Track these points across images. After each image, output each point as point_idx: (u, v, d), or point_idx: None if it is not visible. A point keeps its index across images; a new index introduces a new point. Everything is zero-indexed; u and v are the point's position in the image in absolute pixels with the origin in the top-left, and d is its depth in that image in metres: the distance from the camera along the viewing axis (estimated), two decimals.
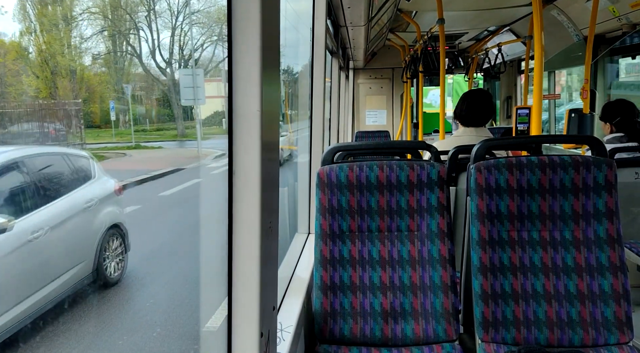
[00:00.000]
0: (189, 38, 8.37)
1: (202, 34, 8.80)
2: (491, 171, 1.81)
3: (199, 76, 5.61)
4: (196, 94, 5.31)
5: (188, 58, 8.35)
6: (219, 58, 9.33)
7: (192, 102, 5.95)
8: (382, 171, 1.87)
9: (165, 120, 8.10)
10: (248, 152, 0.95)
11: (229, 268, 1.00)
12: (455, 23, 5.69)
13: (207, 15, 9.02)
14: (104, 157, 6.09)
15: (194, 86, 5.31)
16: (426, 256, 1.85)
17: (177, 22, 7.92)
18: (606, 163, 1.77)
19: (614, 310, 1.73)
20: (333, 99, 5.09)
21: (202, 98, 5.51)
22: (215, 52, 9.17)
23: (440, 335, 1.80)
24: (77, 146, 4.76)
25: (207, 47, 9.04)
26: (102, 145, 6.49)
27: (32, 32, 5.00)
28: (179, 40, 8.07)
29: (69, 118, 4.73)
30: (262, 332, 1.02)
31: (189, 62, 8.29)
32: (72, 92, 5.95)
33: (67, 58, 6.05)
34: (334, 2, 3.23)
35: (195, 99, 5.45)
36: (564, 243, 1.79)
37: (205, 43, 8.96)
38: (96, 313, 3.93)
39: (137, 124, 7.57)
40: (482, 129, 2.86)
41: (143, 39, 7.47)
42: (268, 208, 1.00)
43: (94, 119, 6.56)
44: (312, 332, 1.88)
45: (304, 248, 2.56)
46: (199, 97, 5.37)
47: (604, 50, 4.64)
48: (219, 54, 9.21)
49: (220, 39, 8.97)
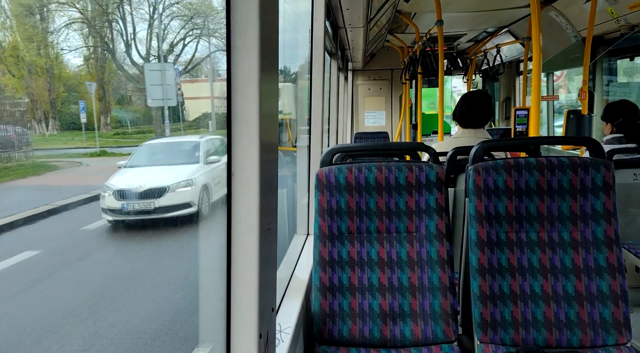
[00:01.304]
0: (168, 32, 7.83)
1: (183, 27, 8.22)
2: (489, 173, 1.81)
3: (168, 71, 4.90)
4: (166, 93, 4.61)
5: (167, 53, 7.82)
6: (202, 55, 8.76)
7: (160, 102, 5.11)
8: (381, 172, 1.87)
9: (150, 121, 7.65)
10: (247, 153, 0.95)
11: (228, 269, 1.00)
12: (454, 24, 5.70)
13: (187, 5, 8.28)
14: (56, 167, 5.02)
15: (163, 83, 4.61)
16: (425, 257, 1.85)
17: (156, 14, 7.31)
18: (604, 164, 1.78)
19: (612, 310, 1.73)
20: (332, 101, 5.09)
21: (172, 98, 4.78)
22: (198, 48, 8.55)
23: (439, 336, 1.81)
24: (22, 152, 4.35)
25: (189, 42, 8.39)
26: (61, 151, 5.64)
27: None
28: (160, 33, 7.56)
29: (14, 119, 4.42)
30: (261, 333, 1.02)
31: (167, 58, 7.72)
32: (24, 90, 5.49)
33: (31, 53, 5.53)
34: (333, 4, 3.23)
35: (164, 99, 4.73)
36: (562, 244, 1.80)
37: (186, 37, 8.32)
38: None
39: (121, 126, 7.18)
40: (481, 131, 2.87)
41: (117, 32, 6.95)
42: (267, 210, 1.00)
43: (67, 120, 6.01)
44: (311, 333, 1.88)
45: (303, 249, 2.56)
46: (169, 97, 4.67)
47: (602, 51, 4.65)
48: (203, 51, 8.62)
49: (204, 34, 8.43)
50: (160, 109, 6.43)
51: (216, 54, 8.72)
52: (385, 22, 5.29)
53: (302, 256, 2.46)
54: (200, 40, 8.32)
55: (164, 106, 5.91)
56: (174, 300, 4.17)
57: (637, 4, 3.60)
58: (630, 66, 5.05)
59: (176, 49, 8.08)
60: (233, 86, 0.94)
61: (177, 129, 7.57)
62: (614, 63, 5.01)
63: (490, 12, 5.02)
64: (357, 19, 3.74)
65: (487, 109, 2.86)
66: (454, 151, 2.37)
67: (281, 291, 1.98)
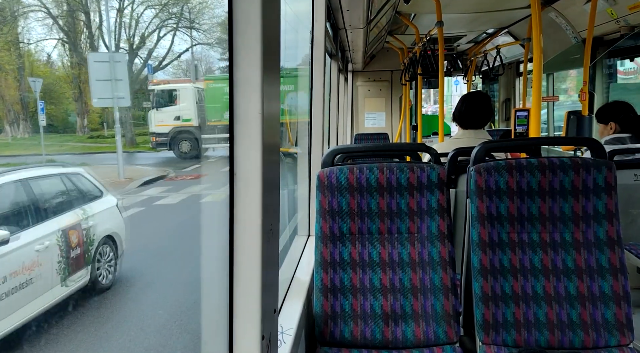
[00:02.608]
0: (139, 21, 6.96)
1: (155, 17, 7.40)
2: (491, 173, 1.81)
3: (119, 63, 3.92)
4: (116, 90, 3.73)
5: (138, 47, 7.01)
6: (180, 50, 8.09)
7: (109, 102, 4.08)
8: (382, 173, 1.87)
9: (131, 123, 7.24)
10: (249, 154, 0.95)
11: (230, 270, 1.00)
12: (454, 25, 5.71)
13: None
14: None
15: (113, 78, 3.70)
16: (426, 258, 1.85)
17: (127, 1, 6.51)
18: (606, 165, 1.78)
19: (614, 311, 1.73)
20: (332, 102, 5.09)
21: (125, 96, 3.93)
22: (175, 42, 7.80)
23: (441, 338, 1.80)
24: None
25: (165, 35, 7.59)
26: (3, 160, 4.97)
27: None
28: (131, 23, 6.81)
29: None
30: (263, 334, 1.01)
31: (138, 52, 6.94)
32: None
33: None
34: (333, 5, 3.23)
35: (114, 98, 3.83)
36: (564, 245, 1.79)
37: (161, 28, 7.47)
38: None
39: (99, 129, 6.77)
40: (481, 132, 2.87)
41: (82, 23, 6.17)
42: (269, 211, 1.00)
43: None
44: (313, 335, 1.88)
45: (304, 251, 2.56)
46: (120, 95, 3.80)
47: (602, 52, 4.65)
48: (180, 45, 7.89)
49: (182, 26, 7.69)
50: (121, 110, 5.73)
51: (199, 49, 7.84)
52: (385, 24, 5.29)
53: (304, 257, 2.46)
54: (178, 33, 7.62)
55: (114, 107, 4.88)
56: None
57: (637, 5, 3.61)
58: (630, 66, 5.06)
59: (149, 42, 7.35)
60: (235, 87, 0.94)
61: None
62: (613, 64, 5.01)
63: (490, 13, 5.03)
64: (357, 20, 3.75)
65: (487, 109, 2.86)
66: (455, 152, 2.37)
67: (283, 293, 1.98)
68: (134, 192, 7.43)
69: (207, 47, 10.62)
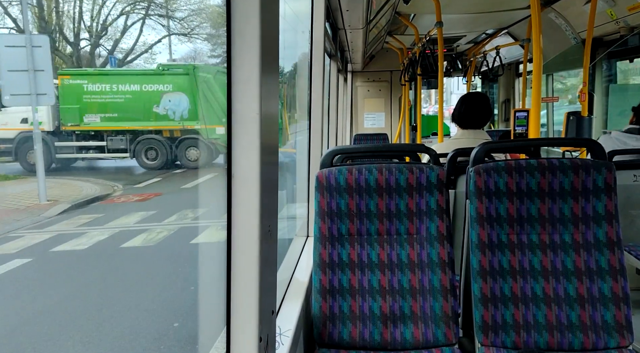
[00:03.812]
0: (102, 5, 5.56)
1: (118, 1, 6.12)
2: (490, 174, 1.80)
3: (41, 48, 2.74)
4: (36, 85, 2.60)
5: (97, 37, 5.63)
6: (151, 41, 6.67)
7: (25, 99, 2.84)
8: (381, 174, 1.86)
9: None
10: (247, 155, 0.94)
11: (228, 271, 0.99)
12: (454, 26, 5.71)
13: None
14: None
15: (31, 68, 2.61)
16: (425, 259, 1.85)
17: None
18: (605, 166, 1.77)
19: (613, 313, 1.73)
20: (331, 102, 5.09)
21: (49, 93, 2.70)
22: (144, 31, 6.42)
23: (440, 339, 1.80)
24: None
25: (133, 23, 6.27)
26: None
27: None
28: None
29: None
30: (261, 336, 1.01)
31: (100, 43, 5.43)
32: None
33: None
34: (333, 5, 3.23)
35: (32, 95, 2.66)
36: (563, 246, 1.79)
37: (128, 15, 6.15)
38: None
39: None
40: (481, 132, 2.87)
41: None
42: (267, 211, 1.00)
43: None
44: (311, 336, 1.87)
45: (303, 251, 2.55)
46: (41, 91, 2.64)
47: (602, 53, 4.65)
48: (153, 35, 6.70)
49: (154, 14, 6.36)
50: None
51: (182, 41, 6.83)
52: (384, 24, 5.29)
53: (302, 258, 2.45)
54: (147, 20, 6.31)
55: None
56: None
57: (637, 6, 3.60)
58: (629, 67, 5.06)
59: (113, 31, 5.88)
60: (233, 86, 0.93)
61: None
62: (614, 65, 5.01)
63: (489, 14, 5.03)
64: (357, 21, 3.74)
65: (486, 110, 2.86)
66: (454, 153, 2.36)
67: (281, 294, 1.97)
68: (42, 225, 5.15)
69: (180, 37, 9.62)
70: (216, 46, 16.04)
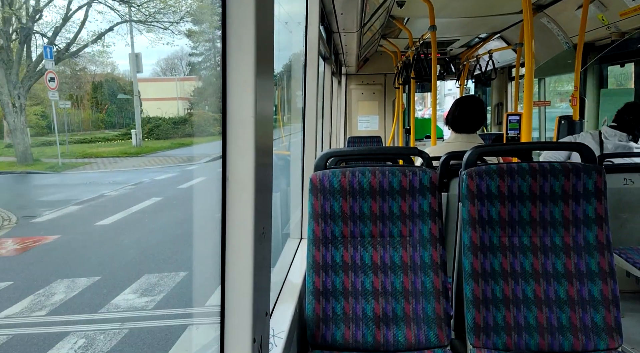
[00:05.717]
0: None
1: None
2: (483, 178, 1.82)
3: None
4: None
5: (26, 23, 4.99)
6: (101, 29, 6.01)
7: None
8: (375, 176, 1.87)
9: (99, 126, 6.01)
10: (242, 157, 0.95)
11: (222, 273, 1.00)
12: (447, 30, 5.74)
13: None
14: None
15: None
16: (418, 261, 1.85)
17: None
18: (595, 169, 1.79)
19: (603, 315, 1.74)
20: (325, 105, 5.10)
21: None
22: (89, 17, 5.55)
23: (432, 341, 1.81)
24: None
25: (76, 10, 5.33)
26: None
27: None
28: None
29: None
30: (254, 337, 1.01)
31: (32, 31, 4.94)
32: None
33: None
34: (327, 8, 3.24)
35: None
36: (554, 249, 1.81)
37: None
38: None
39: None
40: (474, 136, 2.88)
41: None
42: (262, 213, 1.00)
43: None
44: (304, 338, 1.88)
45: (296, 254, 2.55)
46: None
47: (593, 58, 4.70)
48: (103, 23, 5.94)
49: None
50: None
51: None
52: (378, 27, 5.31)
53: (296, 260, 2.45)
54: (93, 5, 5.43)
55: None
56: None
57: (628, 11, 3.65)
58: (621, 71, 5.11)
59: (48, 18, 4.87)
60: (228, 88, 0.94)
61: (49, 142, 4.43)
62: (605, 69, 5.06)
63: (482, 18, 5.06)
64: (351, 24, 3.76)
65: (480, 114, 2.88)
66: (447, 156, 2.38)
67: (274, 296, 1.97)
68: None
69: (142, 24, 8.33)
70: (176, 33, 14.23)
